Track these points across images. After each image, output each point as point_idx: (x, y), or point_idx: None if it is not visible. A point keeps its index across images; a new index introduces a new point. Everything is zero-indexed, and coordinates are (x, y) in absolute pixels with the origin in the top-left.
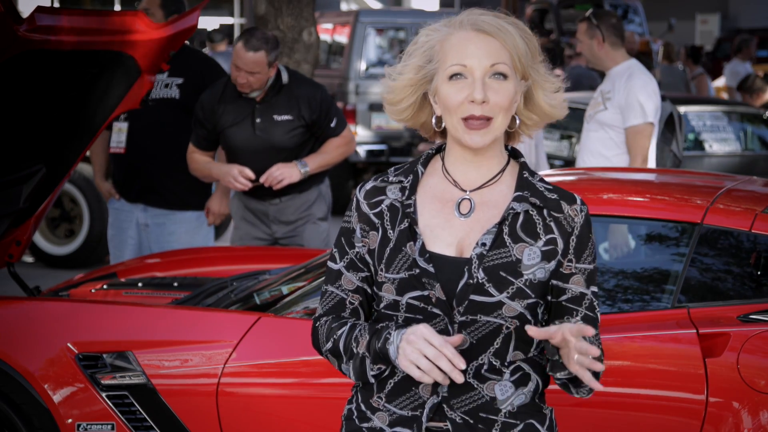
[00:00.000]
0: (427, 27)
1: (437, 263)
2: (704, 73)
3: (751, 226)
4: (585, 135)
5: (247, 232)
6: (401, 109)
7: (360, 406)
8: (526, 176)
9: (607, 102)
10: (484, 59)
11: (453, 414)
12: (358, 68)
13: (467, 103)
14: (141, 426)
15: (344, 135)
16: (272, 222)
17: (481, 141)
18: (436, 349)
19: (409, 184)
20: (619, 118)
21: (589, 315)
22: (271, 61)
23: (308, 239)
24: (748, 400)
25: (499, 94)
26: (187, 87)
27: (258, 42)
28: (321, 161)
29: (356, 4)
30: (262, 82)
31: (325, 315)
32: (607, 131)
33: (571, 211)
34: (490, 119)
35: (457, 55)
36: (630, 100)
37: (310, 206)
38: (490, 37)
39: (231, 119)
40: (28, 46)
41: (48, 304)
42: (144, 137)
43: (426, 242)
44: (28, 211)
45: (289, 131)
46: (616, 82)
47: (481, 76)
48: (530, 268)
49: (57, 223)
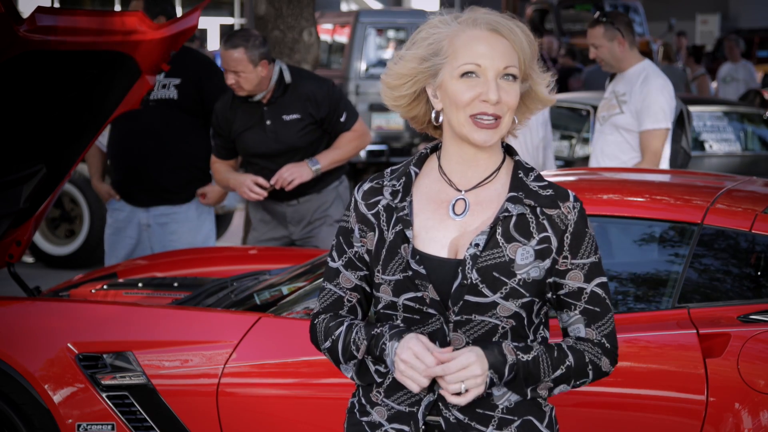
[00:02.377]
0: (434, 18)
1: (430, 265)
2: (705, 74)
3: (752, 226)
4: (599, 137)
5: (264, 233)
6: (398, 96)
7: (361, 400)
8: (521, 175)
9: (624, 105)
10: (498, 60)
11: (447, 413)
12: (358, 68)
13: (478, 101)
14: (141, 426)
15: (356, 128)
16: (290, 223)
17: (489, 139)
18: (426, 369)
19: (401, 187)
20: (635, 122)
21: (589, 308)
22: (254, 58)
23: (324, 240)
24: (749, 400)
25: (509, 94)
26: (184, 87)
27: (237, 39)
28: (333, 157)
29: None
30: (252, 82)
31: (324, 312)
32: (623, 135)
33: (564, 209)
34: (500, 118)
35: (470, 53)
36: (648, 104)
37: (328, 208)
38: (503, 38)
39: (242, 125)
40: (29, 46)
41: (48, 304)
42: (142, 138)
43: (421, 243)
44: (29, 211)
45: (300, 130)
46: (633, 84)
47: (495, 76)
48: (524, 267)
49: (57, 224)
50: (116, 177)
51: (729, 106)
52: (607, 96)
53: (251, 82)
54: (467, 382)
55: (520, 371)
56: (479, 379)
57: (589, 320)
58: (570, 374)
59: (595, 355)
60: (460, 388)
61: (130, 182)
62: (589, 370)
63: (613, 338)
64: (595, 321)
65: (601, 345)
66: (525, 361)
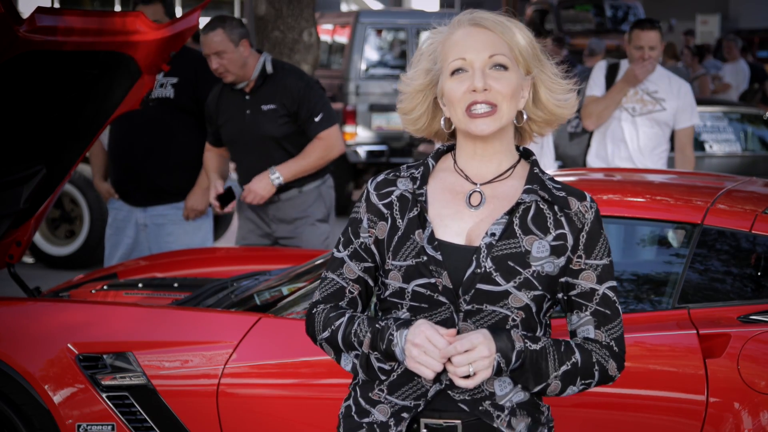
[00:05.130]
0: (431, 30)
1: (445, 251)
2: (706, 74)
3: (752, 226)
4: (631, 128)
5: (249, 229)
6: (415, 118)
7: (359, 402)
8: (537, 172)
9: (663, 102)
10: (483, 51)
11: (453, 404)
12: (358, 69)
13: (469, 92)
14: (141, 427)
15: (326, 135)
16: (272, 221)
17: (487, 128)
18: (440, 351)
19: (420, 175)
20: (673, 119)
21: (599, 310)
22: (234, 38)
23: (306, 240)
24: (749, 400)
25: (500, 82)
26: (181, 87)
27: (215, 22)
28: (296, 168)
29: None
30: (237, 63)
31: (323, 302)
32: (663, 129)
33: (581, 207)
34: (495, 106)
35: (457, 50)
36: (688, 102)
37: (309, 207)
38: (488, 30)
39: (227, 113)
40: (29, 46)
41: (48, 304)
42: (140, 137)
43: (435, 231)
44: (29, 211)
45: (275, 120)
46: (661, 83)
47: (481, 66)
48: (539, 260)
49: (57, 224)
50: (114, 176)
51: (729, 106)
52: (638, 96)
53: (236, 62)
54: (475, 365)
55: (527, 360)
56: (486, 361)
57: (599, 322)
58: (576, 371)
59: (603, 356)
60: (468, 370)
61: (127, 181)
62: (595, 371)
63: (621, 343)
64: (605, 324)
65: (610, 348)
66: (533, 349)
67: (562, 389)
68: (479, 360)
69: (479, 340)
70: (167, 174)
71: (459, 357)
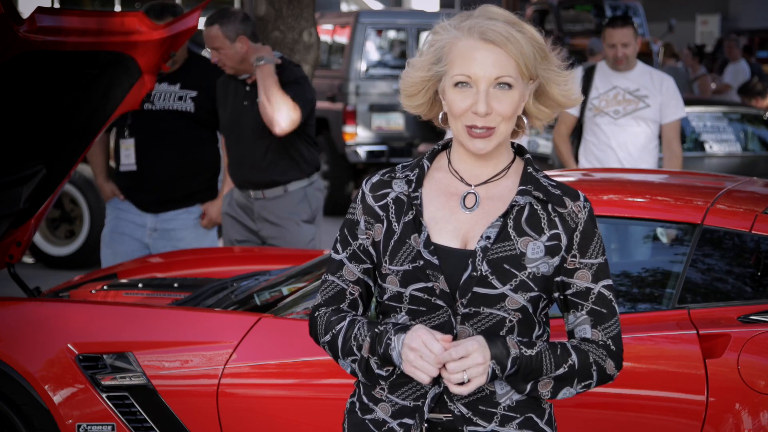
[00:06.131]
0: (441, 23)
1: (441, 255)
2: (707, 74)
3: (752, 226)
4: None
5: (233, 226)
6: (415, 105)
7: (362, 398)
8: (531, 172)
9: (646, 99)
10: (490, 71)
11: (453, 406)
12: (358, 69)
13: (470, 113)
14: (141, 427)
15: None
16: (257, 219)
17: (484, 148)
18: (435, 356)
19: (415, 177)
20: (659, 114)
21: (596, 309)
22: (230, 35)
23: (290, 241)
24: (749, 400)
25: (503, 103)
26: (200, 100)
27: (215, 17)
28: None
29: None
30: (232, 59)
31: (325, 305)
32: (651, 126)
33: (575, 207)
34: (493, 129)
35: (463, 63)
36: (672, 96)
37: (293, 207)
38: (497, 47)
39: (228, 101)
40: (29, 46)
41: (48, 304)
42: (157, 149)
43: (431, 234)
44: (29, 211)
45: None
46: (642, 80)
47: (486, 87)
48: (534, 261)
49: (57, 224)
50: (126, 183)
51: (729, 107)
52: (618, 95)
53: (231, 58)
54: (469, 371)
55: (523, 366)
56: (481, 368)
57: (596, 321)
58: (573, 374)
59: (600, 356)
60: (462, 377)
61: (143, 192)
62: (594, 371)
63: (618, 341)
64: (601, 322)
65: (607, 347)
66: (528, 356)
67: (555, 392)
68: (474, 367)
69: (474, 347)
70: (181, 185)
71: (454, 364)
